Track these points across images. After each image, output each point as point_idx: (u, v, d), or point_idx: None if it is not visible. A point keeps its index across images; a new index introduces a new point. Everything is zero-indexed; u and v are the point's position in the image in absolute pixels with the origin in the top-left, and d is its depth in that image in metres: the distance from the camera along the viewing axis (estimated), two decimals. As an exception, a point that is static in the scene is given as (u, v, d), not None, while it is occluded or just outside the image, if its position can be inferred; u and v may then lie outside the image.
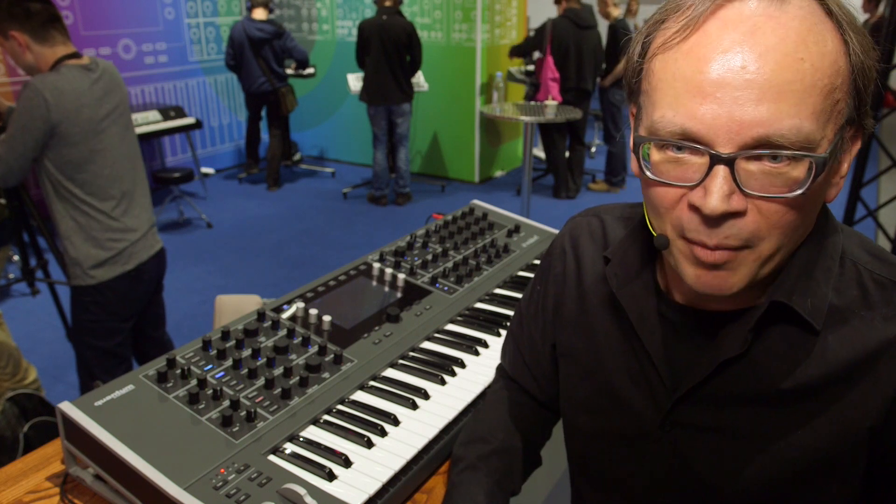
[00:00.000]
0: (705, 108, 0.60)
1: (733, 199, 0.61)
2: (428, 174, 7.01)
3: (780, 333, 0.71)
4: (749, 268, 0.65)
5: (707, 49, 0.60)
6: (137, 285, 2.42)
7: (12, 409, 2.12)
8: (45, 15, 2.15)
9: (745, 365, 0.72)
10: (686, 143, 0.62)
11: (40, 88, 2.08)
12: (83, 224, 2.25)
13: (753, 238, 0.64)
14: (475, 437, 1.00)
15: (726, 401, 0.74)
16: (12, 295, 4.33)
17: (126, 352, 2.51)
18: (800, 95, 0.58)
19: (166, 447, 0.95)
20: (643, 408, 0.81)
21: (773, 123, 0.58)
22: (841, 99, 0.61)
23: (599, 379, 0.86)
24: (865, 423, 0.69)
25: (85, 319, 2.37)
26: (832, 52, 0.60)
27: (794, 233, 0.65)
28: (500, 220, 1.80)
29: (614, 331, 0.84)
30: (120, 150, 2.32)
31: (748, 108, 0.58)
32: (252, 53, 5.97)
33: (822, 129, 0.60)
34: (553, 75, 5.65)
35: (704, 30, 0.61)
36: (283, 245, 5.20)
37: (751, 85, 0.58)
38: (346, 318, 1.30)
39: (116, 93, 2.33)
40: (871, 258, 0.73)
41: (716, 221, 0.63)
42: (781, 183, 0.61)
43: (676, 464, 0.79)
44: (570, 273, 0.93)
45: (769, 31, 0.59)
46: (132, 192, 2.37)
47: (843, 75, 0.61)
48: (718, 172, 0.61)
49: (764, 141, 0.59)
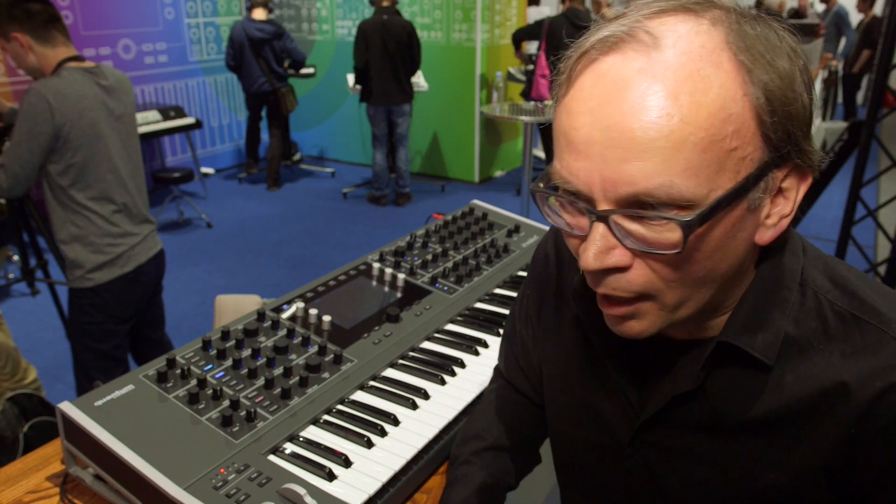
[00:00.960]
0: (579, 165, 0.60)
1: (613, 255, 0.61)
2: (428, 174, 7.01)
3: (732, 370, 0.70)
4: (656, 315, 0.64)
5: (579, 104, 0.60)
6: (136, 287, 2.42)
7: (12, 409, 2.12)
8: (45, 15, 2.14)
9: (701, 399, 0.71)
10: (567, 198, 0.62)
11: (43, 93, 2.08)
12: (83, 228, 2.24)
13: (647, 291, 0.62)
14: (471, 436, 1.00)
15: (685, 427, 0.74)
16: (12, 295, 4.33)
17: (123, 354, 2.51)
18: (668, 153, 0.55)
19: (166, 447, 0.95)
20: (616, 423, 0.81)
21: (641, 182, 0.56)
22: (738, 147, 0.57)
23: (576, 391, 0.86)
24: (818, 461, 0.67)
25: (83, 322, 2.37)
26: (716, 101, 0.56)
27: (698, 283, 0.62)
28: (500, 220, 1.80)
29: (587, 347, 0.84)
30: (122, 157, 2.31)
31: (616, 167, 0.57)
32: (252, 53, 5.97)
33: (707, 183, 0.56)
34: (543, 72, 5.64)
35: (580, 84, 0.61)
36: (283, 245, 5.20)
37: (616, 143, 0.57)
38: (345, 318, 1.30)
39: (123, 101, 2.32)
40: (833, 287, 0.70)
41: (600, 275, 0.63)
42: (661, 239, 0.58)
43: (649, 480, 0.79)
44: (550, 280, 0.92)
45: (635, 87, 0.56)
46: (133, 198, 2.37)
47: (738, 122, 0.56)
48: (597, 228, 0.60)
49: (635, 199, 0.57)
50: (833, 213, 5.37)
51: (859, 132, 3.35)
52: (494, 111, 5.28)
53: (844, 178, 3.91)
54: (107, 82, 2.26)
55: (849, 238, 3.61)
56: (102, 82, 2.24)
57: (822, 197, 3.65)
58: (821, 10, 8.85)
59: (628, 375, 0.77)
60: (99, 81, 2.23)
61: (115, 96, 2.28)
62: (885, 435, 0.64)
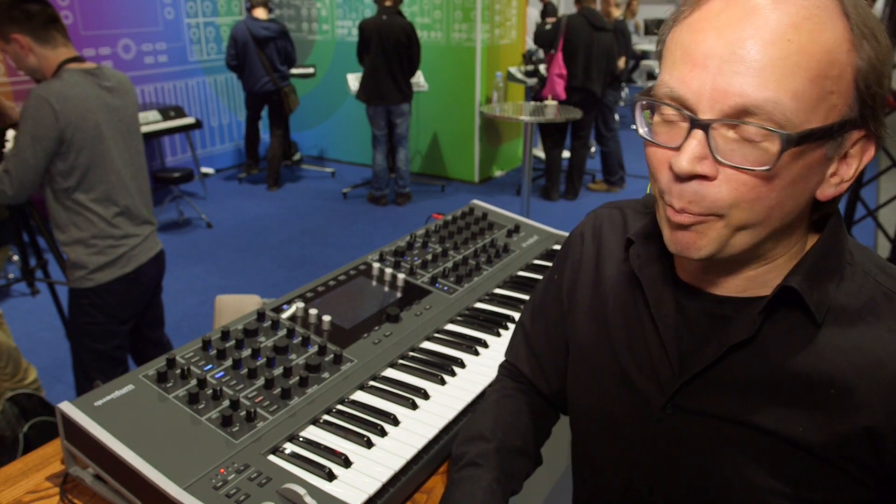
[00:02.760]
0: (693, 75, 0.65)
1: (703, 164, 0.65)
2: (428, 174, 7.01)
3: (786, 322, 0.73)
4: (717, 233, 0.68)
5: (706, 23, 0.65)
6: (136, 288, 2.42)
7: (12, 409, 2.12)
8: (44, 16, 2.14)
9: (752, 350, 0.74)
10: (671, 105, 0.67)
11: (45, 96, 2.07)
12: (84, 230, 2.24)
13: (718, 207, 0.66)
14: (475, 435, 1.00)
15: (730, 387, 0.76)
16: (12, 295, 4.33)
17: (123, 354, 2.51)
18: (781, 72, 0.61)
19: (166, 447, 0.95)
20: (647, 391, 0.83)
21: (752, 95, 0.61)
22: (835, 92, 0.63)
23: (605, 361, 0.88)
24: (862, 422, 0.70)
25: (83, 322, 2.37)
26: (828, 43, 0.62)
27: (766, 211, 0.66)
28: (500, 220, 1.80)
29: (627, 315, 0.87)
30: (125, 158, 2.31)
31: (730, 79, 0.62)
32: (256, 52, 5.97)
33: (805, 113, 0.62)
34: (560, 71, 5.63)
35: (709, 6, 0.66)
36: (283, 245, 5.20)
37: (737, 58, 0.62)
38: (345, 318, 1.30)
39: (125, 103, 2.32)
40: (881, 271, 0.75)
41: (684, 182, 0.67)
42: (753, 156, 0.63)
43: (678, 449, 0.81)
44: (587, 259, 0.96)
45: (765, 13, 0.62)
46: (135, 200, 2.37)
47: (841, 70, 0.63)
48: (695, 136, 0.65)
49: (742, 111, 0.62)
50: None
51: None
52: (494, 111, 5.28)
53: (844, 177, 3.92)
54: (108, 83, 2.26)
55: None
56: (104, 83, 2.24)
57: (822, 197, 3.64)
58: None
59: (671, 334, 0.80)
60: (100, 83, 2.23)
61: (117, 97, 2.28)
62: None
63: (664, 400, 0.80)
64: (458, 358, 1.26)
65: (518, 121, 5.13)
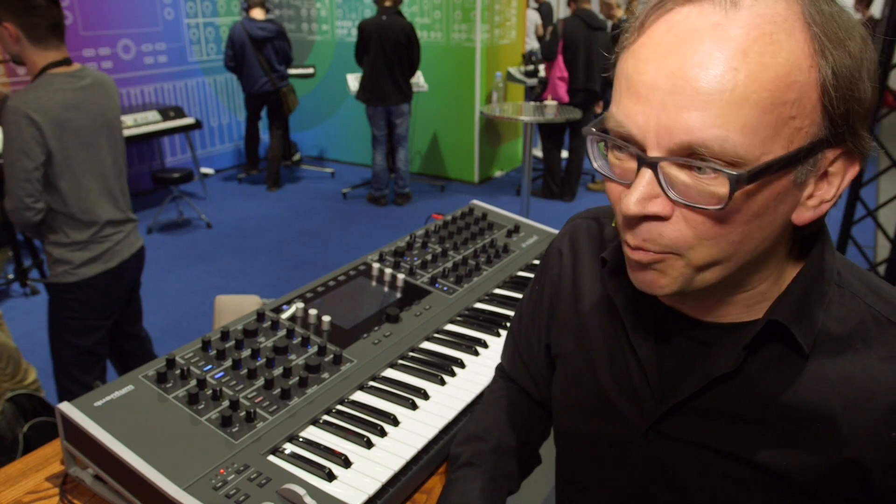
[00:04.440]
0: (638, 109, 0.60)
1: (655, 203, 0.61)
2: (428, 174, 7.01)
3: (771, 353, 0.70)
4: (679, 272, 0.65)
5: (648, 51, 0.60)
6: (118, 283, 2.43)
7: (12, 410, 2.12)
8: (49, 20, 2.12)
9: (737, 382, 0.71)
10: (618, 142, 0.63)
11: (24, 109, 2.05)
12: (67, 230, 2.25)
13: (677, 246, 0.63)
14: (472, 436, 1.00)
15: (713, 416, 0.73)
16: (12, 295, 4.33)
17: (103, 350, 2.51)
18: (729, 107, 0.56)
19: (166, 447, 0.95)
20: (629, 415, 0.80)
21: (697, 132, 0.57)
22: (797, 116, 0.57)
23: (588, 382, 0.86)
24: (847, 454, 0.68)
25: (64, 317, 2.37)
26: (783, 66, 0.56)
27: (730, 247, 0.62)
28: (500, 221, 1.80)
29: (606, 335, 0.83)
30: (107, 161, 2.31)
31: (675, 115, 0.58)
32: (254, 53, 5.96)
33: (761, 145, 0.57)
34: (561, 74, 5.64)
35: (651, 32, 0.61)
36: (283, 245, 5.20)
37: (679, 91, 0.57)
38: (345, 318, 1.30)
39: (106, 104, 2.30)
40: (871, 293, 0.71)
41: (636, 222, 0.63)
42: (706, 194, 0.59)
43: (659, 474, 0.79)
44: (566, 274, 0.93)
45: (708, 40, 0.57)
46: (118, 201, 2.37)
47: (801, 91, 0.57)
48: (644, 174, 0.61)
49: (688, 149, 0.58)
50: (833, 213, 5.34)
51: (859, 132, 3.34)
52: (494, 111, 5.28)
53: (844, 178, 3.91)
54: (87, 85, 2.24)
55: (849, 238, 3.61)
56: (85, 85, 2.22)
57: (821, 197, 3.64)
58: None
59: (652, 361, 0.77)
60: (81, 85, 2.21)
61: (99, 99, 2.26)
62: None
63: (646, 425, 0.78)
64: (457, 358, 1.26)
65: (518, 121, 5.13)
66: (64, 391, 2.49)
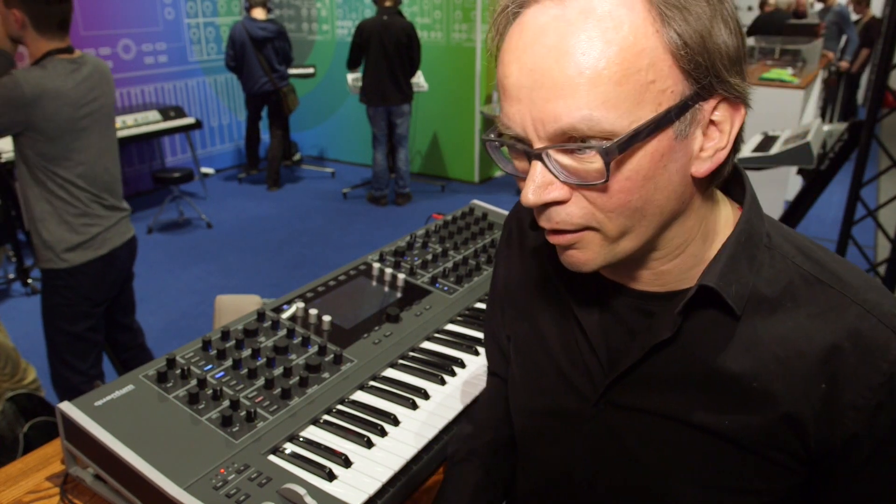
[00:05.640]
0: (514, 110, 0.65)
1: (551, 190, 0.65)
2: (428, 174, 7.01)
3: (707, 318, 0.73)
4: (599, 246, 0.68)
5: (509, 55, 0.65)
6: (110, 270, 2.44)
7: (12, 410, 2.12)
8: (59, 15, 2.14)
9: (675, 349, 0.74)
10: (509, 143, 0.67)
11: (22, 83, 2.07)
12: (58, 207, 2.25)
13: (587, 220, 0.66)
14: (466, 434, 1.02)
15: (657, 383, 0.76)
16: (12, 295, 4.33)
17: (97, 337, 2.52)
18: (585, 88, 0.59)
19: (166, 447, 0.95)
20: (580, 387, 0.82)
21: (564, 118, 0.61)
22: (656, 80, 0.60)
23: (539, 358, 0.88)
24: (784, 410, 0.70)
25: (57, 303, 2.38)
26: (626, 38, 0.59)
27: (636, 213, 0.65)
28: (500, 221, 1.80)
29: (554, 313, 0.86)
30: (99, 147, 2.32)
31: (542, 106, 0.62)
32: (254, 53, 5.97)
33: (625, 115, 0.60)
34: None
35: (507, 37, 0.67)
36: (283, 245, 5.20)
37: (540, 85, 0.61)
38: (346, 318, 1.30)
39: (103, 93, 2.32)
40: (799, 253, 0.74)
41: (542, 209, 0.67)
42: (590, 171, 0.63)
43: (609, 442, 0.81)
44: (514, 257, 0.95)
45: (552, 32, 0.61)
46: (109, 187, 2.38)
47: (652, 57, 0.60)
48: (535, 166, 0.65)
49: (563, 134, 0.62)
50: (833, 213, 5.37)
51: (859, 132, 3.35)
52: (494, 111, 5.28)
53: (844, 178, 3.91)
54: (88, 72, 2.25)
55: (849, 238, 3.61)
56: (84, 72, 2.24)
57: (822, 197, 3.64)
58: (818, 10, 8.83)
59: (598, 333, 0.80)
60: (81, 71, 2.23)
61: (95, 86, 2.28)
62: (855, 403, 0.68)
63: (596, 396, 0.80)
64: (458, 358, 1.26)
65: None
66: (58, 376, 2.50)
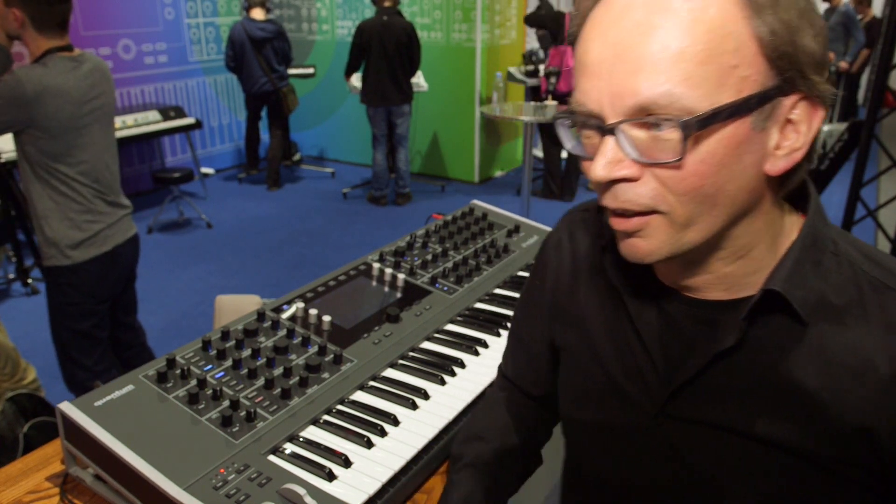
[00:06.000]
0: (591, 85, 0.65)
1: (621, 166, 0.64)
2: (428, 174, 7.01)
3: (773, 325, 0.70)
4: (665, 234, 0.67)
5: (592, 32, 0.65)
6: (113, 267, 2.44)
7: (12, 410, 2.12)
8: (59, 15, 2.14)
9: (739, 356, 0.72)
10: (581, 118, 0.67)
11: (24, 81, 2.07)
12: (61, 204, 2.26)
13: (656, 202, 0.65)
14: (473, 436, 1.00)
15: (720, 394, 0.73)
16: (12, 295, 4.33)
17: (102, 333, 2.52)
18: (668, 64, 0.60)
19: (166, 447, 0.95)
20: (638, 400, 0.80)
21: (644, 92, 0.61)
22: (740, 65, 0.60)
23: (595, 371, 0.86)
24: (856, 422, 0.68)
25: (61, 301, 2.38)
26: (715, 19, 0.60)
27: (706, 200, 0.64)
28: (500, 221, 1.80)
29: (609, 322, 0.84)
30: (101, 145, 2.33)
31: (622, 80, 0.62)
32: (253, 53, 5.96)
33: (708, 96, 0.60)
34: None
35: (592, 16, 0.67)
36: (283, 245, 5.20)
37: (622, 59, 0.62)
38: (345, 318, 1.30)
39: (104, 91, 2.32)
40: (867, 259, 0.72)
41: (609, 186, 0.66)
42: (665, 149, 0.62)
43: (670, 457, 0.79)
44: (564, 265, 0.93)
45: (640, 8, 0.61)
46: (110, 184, 2.39)
47: (738, 42, 0.60)
48: (606, 142, 0.64)
49: (641, 108, 0.62)
50: (833, 213, 5.38)
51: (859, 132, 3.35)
52: (494, 111, 5.28)
53: (844, 178, 3.92)
54: (88, 70, 2.26)
55: (849, 238, 3.60)
56: (84, 69, 2.24)
57: (822, 197, 3.64)
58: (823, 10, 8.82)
59: (656, 343, 0.77)
60: (81, 69, 2.23)
61: (95, 84, 2.28)
62: None
63: (654, 409, 0.78)
64: (458, 358, 1.26)
65: (518, 121, 5.13)
66: (67, 373, 2.51)
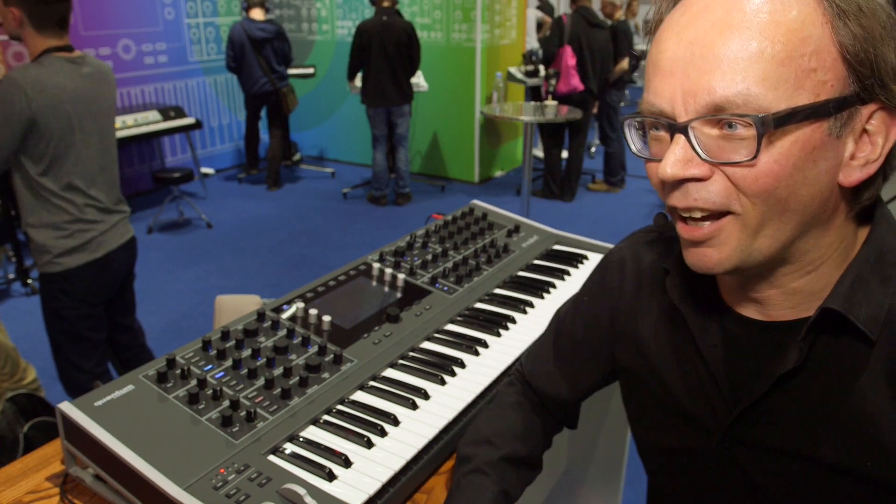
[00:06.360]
0: (664, 84, 0.64)
1: (691, 165, 0.63)
2: (428, 174, 7.01)
3: (838, 345, 0.67)
4: (737, 239, 0.64)
5: (667, 32, 0.65)
6: (106, 273, 2.42)
7: (12, 410, 2.12)
8: (57, 14, 2.13)
9: (803, 379, 0.69)
10: (651, 118, 0.66)
11: (21, 82, 2.06)
12: (52, 213, 2.24)
13: (729, 201, 0.63)
14: (483, 439, 0.98)
15: (786, 418, 0.71)
16: (12, 295, 4.33)
17: (99, 336, 2.51)
18: (746, 63, 0.59)
19: (166, 447, 0.95)
20: (704, 423, 0.79)
21: (720, 91, 0.60)
22: (818, 69, 0.59)
23: (660, 395, 0.84)
24: None
25: (55, 306, 2.37)
26: (794, 21, 0.59)
27: (779, 203, 0.62)
28: (500, 221, 1.80)
29: (673, 345, 0.82)
30: (98, 149, 2.31)
31: (697, 79, 0.61)
32: (253, 54, 5.96)
33: (785, 97, 0.59)
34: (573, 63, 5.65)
35: (669, 17, 0.66)
36: (283, 245, 5.20)
37: (698, 57, 0.61)
38: (345, 318, 1.30)
39: (104, 93, 2.31)
40: None
41: (678, 185, 0.65)
42: (739, 148, 0.61)
43: (740, 481, 0.77)
44: (627, 285, 0.91)
45: (719, 7, 0.61)
46: (105, 192, 2.37)
47: (817, 45, 0.59)
48: (677, 140, 0.63)
49: (715, 108, 0.61)
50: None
51: None
52: (494, 111, 5.28)
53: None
54: (88, 72, 2.25)
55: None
56: (84, 72, 2.23)
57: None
58: None
59: (721, 365, 0.76)
60: (80, 71, 2.22)
61: (95, 87, 2.27)
62: None
63: (720, 433, 0.76)
64: (458, 358, 1.26)
65: (518, 121, 5.13)
66: (64, 375, 2.50)
